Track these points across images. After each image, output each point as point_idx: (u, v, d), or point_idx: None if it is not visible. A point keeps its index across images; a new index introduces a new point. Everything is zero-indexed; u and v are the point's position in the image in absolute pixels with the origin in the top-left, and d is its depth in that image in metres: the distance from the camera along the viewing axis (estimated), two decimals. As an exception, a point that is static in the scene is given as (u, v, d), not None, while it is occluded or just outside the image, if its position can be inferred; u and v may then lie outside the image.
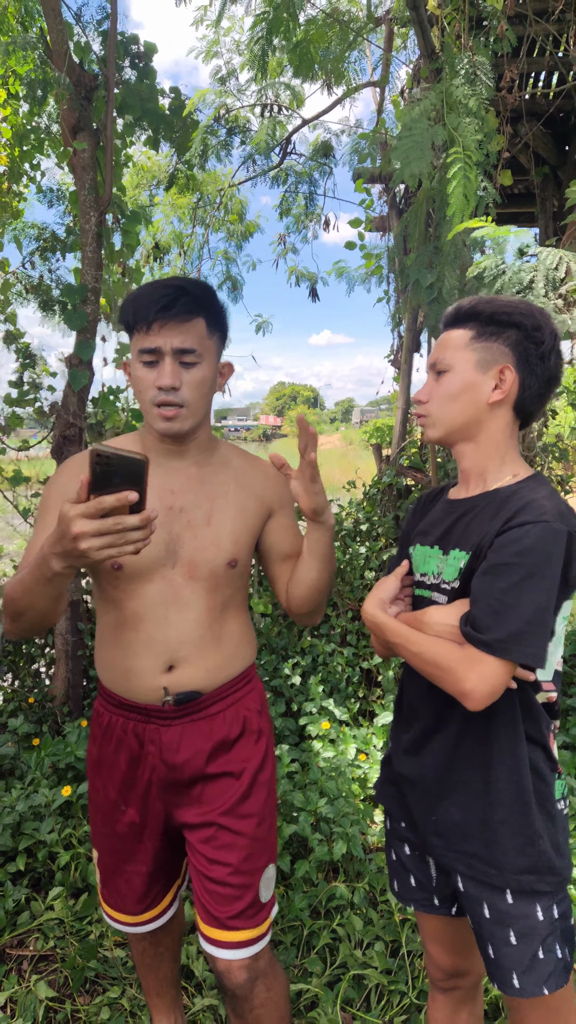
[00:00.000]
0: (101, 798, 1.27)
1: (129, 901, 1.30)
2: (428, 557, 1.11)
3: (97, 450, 0.80)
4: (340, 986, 1.66)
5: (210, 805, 1.21)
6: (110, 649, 1.21)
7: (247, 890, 1.20)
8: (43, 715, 2.67)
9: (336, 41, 3.59)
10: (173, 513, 1.16)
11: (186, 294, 1.09)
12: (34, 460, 2.89)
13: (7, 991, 1.68)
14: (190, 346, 1.10)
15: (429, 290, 2.46)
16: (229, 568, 1.18)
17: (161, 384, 1.09)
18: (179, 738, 1.19)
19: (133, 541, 0.83)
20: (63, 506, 0.83)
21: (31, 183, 3.31)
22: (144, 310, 1.09)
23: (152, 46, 2.84)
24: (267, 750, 1.28)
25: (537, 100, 3.38)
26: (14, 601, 1.04)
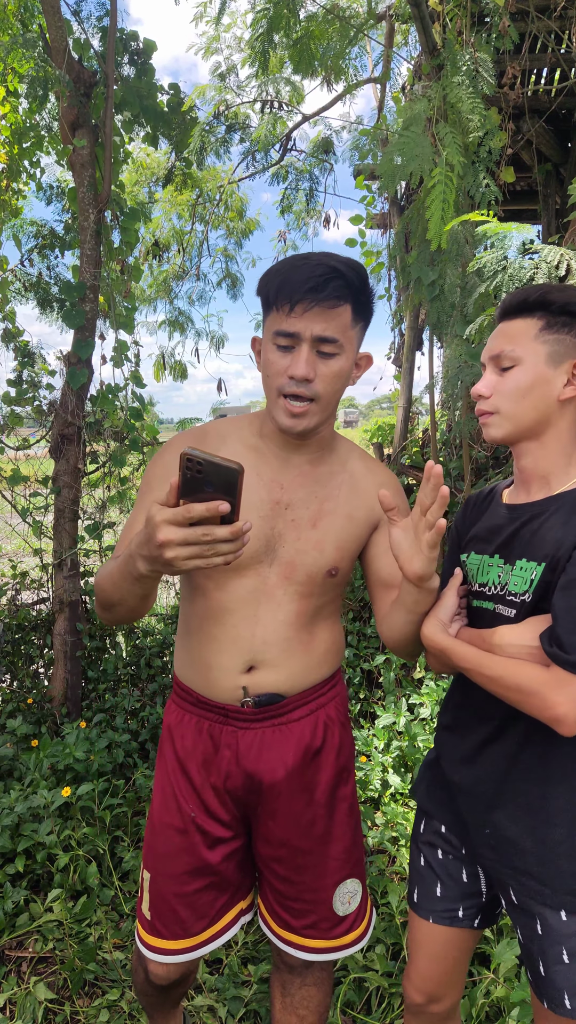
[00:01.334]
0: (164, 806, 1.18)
1: (190, 920, 1.17)
2: (488, 567, 1.03)
3: (188, 455, 0.73)
4: (341, 989, 1.65)
5: (285, 820, 1.14)
6: (192, 641, 1.15)
7: (319, 905, 1.16)
8: (42, 716, 2.66)
9: (337, 37, 3.57)
10: (279, 508, 1.08)
11: (339, 276, 0.97)
12: (32, 459, 2.88)
13: (6, 992, 1.67)
14: (332, 335, 0.99)
15: (431, 288, 2.45)
16: (328, 576, 1.11)
17: (294, 373, 0.99)
18: (258, 744, 1.12)
19: (222, 553, 0.77)
20: (151, 508, 0.77)
21: (31, 180, 3.29)
22: (290, 288, 0.97)
23: (151, 43, 2.82)
24: (348, 761, 1.21)
25: (539, 97, 3.36)
26: (104, 592, 0.99)
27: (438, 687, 2.65)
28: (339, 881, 1.18)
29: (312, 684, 1.15)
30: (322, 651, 1.16)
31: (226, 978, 1.71)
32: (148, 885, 1.20)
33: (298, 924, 1.16)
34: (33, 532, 2.79)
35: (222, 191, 5.34)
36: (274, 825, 1.15)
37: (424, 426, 4.13)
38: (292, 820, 1.14)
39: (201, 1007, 1.65)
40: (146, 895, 1.20)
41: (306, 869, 1.15)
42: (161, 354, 5.61)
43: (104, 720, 2.58)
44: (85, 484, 2.82)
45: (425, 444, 3.50)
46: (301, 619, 1.11)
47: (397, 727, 2.57)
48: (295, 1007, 1.22)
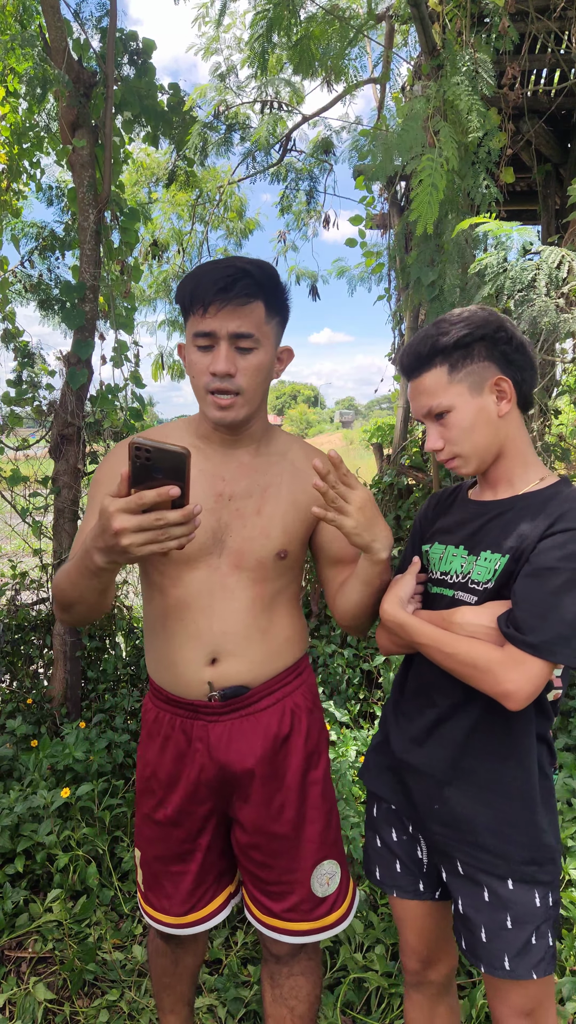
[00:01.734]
0: (147, 797, 1.24)
1: (176, 901, 1.25)
2: (452, 556, 1.10)
3: (136, 443, 0.76)
4: (340, 989, 1.65)
5: (259, 807, 1.18)
6: (156, 640, 1.18)
7: (297, 886, 1.19)
8: (41, 716, 2.66)
9: (336, 38, 3.57)
10: (223, 501, 1.12)
11: (247, 276, 1.03)
12: (32, 460, 2.88)
13: (6, 993, 1.67)
14: (247, 330, 1.04)
15: (430, 288, 2.45)
16: (278, 559, 1.14)
17: (215, 370, 1.04)
18: (228, 735, 1.16)
19: (176, 537, 0.80)
20: (104, 500, 0.81)
21: (31, 181, 3.29)
22: (202, 291, 1.03)
23: (151, 43, 2.82)
24: (319, 745, 1.24)
25: (539, 97, 3.36)
26: (63, 592, 1.02)
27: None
28: (316, 863, 1.20)
29: (276, 673, 1.19)
30: (282, 638, 1.19)
31: (226, 978, 1.71)
32: (139, 861, 1.29)
33: (279, 908, 1.19)
34: (33, 532, 2.79)
35: (222, 191, 5.35)
36: (248, 812, 1.18)
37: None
38: (264, 806, 1.17)
39: (201, 1007, 1.66)
40: (139, 869, 1.29)
41: (282, 854, 1.18)
42: (160, 354, 5.61)
43: (104, 720, 2.58)
44: (85, 484, 2.82)
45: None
46: (257, 606, 1.15)
47: (397, 727, 2.57)
48: (284, 998, 1.24)
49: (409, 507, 3.17)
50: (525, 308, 1.89)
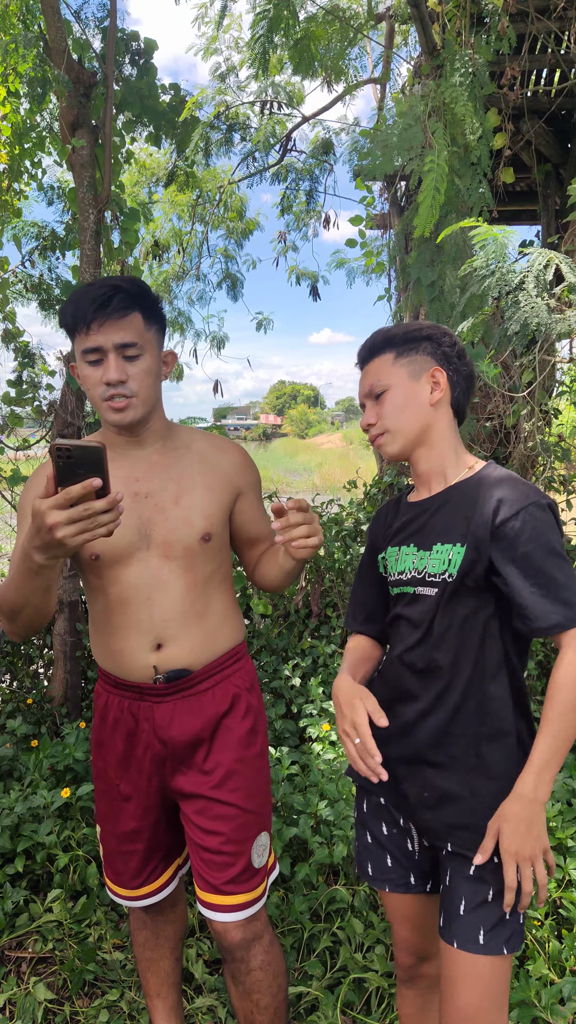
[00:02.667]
0: (101, 778, 1.33)
1: (126, 877, 1.36)
2: (405, 555, 1.17)
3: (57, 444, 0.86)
4: (340, 989, 1.65)
5: (202, 779, 1.26)
6: (102, 633, 1.26)
7: (239, 857, 1.25)
8: (41, 716, 2.66)
9: (337, 38, 3.57)
10: (140, 499, 1.21)
11: (120, 291, 1.14)
12: (33, 460, 2.88)
13: (6, 993, 1.67)
14: (130, 340, 1.14)
15: (430, 288, 2.45)
16: (204, 543, 1.23)
17: (108, 379, 1.14)
18: (171, 714, 1.24)
19: (104, 523, 0.89)
20: (34, 502, 0.89)
21: (32, 181, 3.29)
22: (82, 311, 1.13)
23: (152, 43, 2.83)
24: (256, 724, 1.32)
25: (539, 97, 3.36)
26: (7, 601, 1.08)
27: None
28: (256, 834, 1.28)
29: (216, 656, 1.28)
30: (218, 620, 1.28)
31: (225, 979, 1.71)
32: (99, 836, 1.39)
33: (219, 880, 1.25)
34: (33, 532, 2.79)
35: (222, 192, 5.35)
36: (194, 780, 1.26)
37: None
38: (208, 775, 1.26)
39: (201, 1007, 1.66)
40: (100, 844, 1.40)
41: (227, 819, 1.25)
42: (161, 354, 5.60)
43: (104, 720, 2.58)
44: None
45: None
46: (192, 592, 1.23)
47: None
48: (248, 993, 1.28)
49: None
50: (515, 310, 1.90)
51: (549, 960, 1.68)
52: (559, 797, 2.09)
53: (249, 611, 3.07)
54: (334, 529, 3.25)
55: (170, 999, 1.50)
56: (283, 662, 2.93)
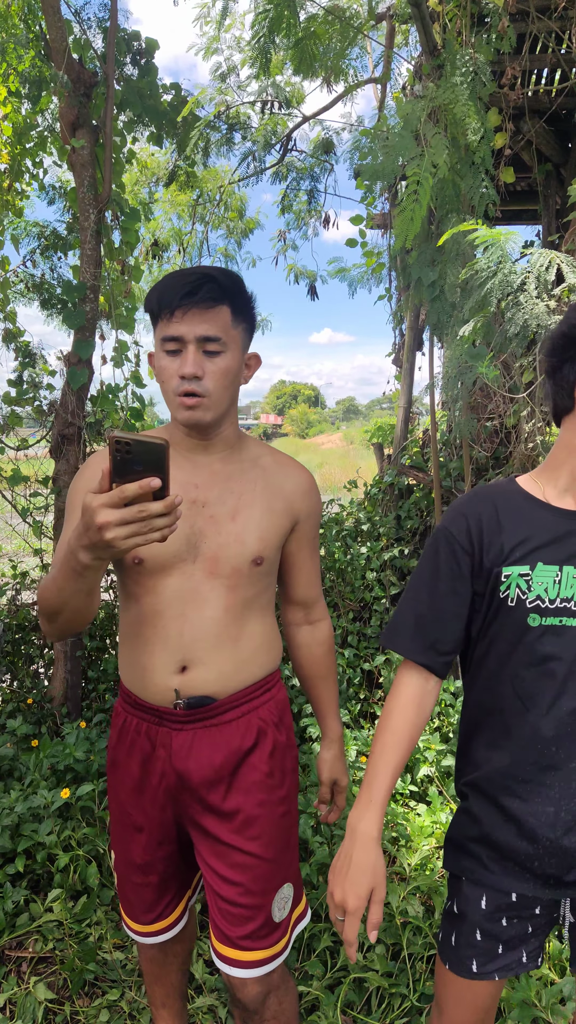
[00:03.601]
0: (115, 802, 1.24)
1: (138, 910, 1.28)
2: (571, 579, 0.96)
3: (116, 437, 0.78)
4: (341, 989, 1.65)
5: (219, 821, 1.16)
6: (128, 646, 1.18)
7: (259, 911, 1.16)
8: (42, 716, 2.66)
9: (337, 38, 3.57)
10: (196, 507, 1.12)
11: (211, 281, 1.05)
12: (33, 460, 2.88)
13: (6, 992, 1.67)
14: (214, 334, 1.06)
15: (431, 288, 2.45)
16: (254, 566, 1.14)
17: (183, 372, 1.06)
18: (189, 744, 1.15)
19: (158, 528, 0.80)
20: (86, 497, 0.80)
21: (33, 180, 3.29)
22: (168, 297, 1.05)
23: (153, 43, 2.82)
24: (284, 763, 1.21)
25: (539, 97, 3.36)
26: (47, 601, 1.01)
27: (438, 687, 2.65)
28: (278, 886, 1.18)
29: (244, 685, 1.17)
30: (252, 647, 1.17)
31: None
32: (114, 864, 1.31)
33: (237, 934, 1.15)
34: (33, 532, 2.79)
35: (222, 191, 5.35)
36: (207, 822, 1.17)
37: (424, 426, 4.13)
38: (220, 814, 1.16)
39: (201, 1007, 1.66)
40: (115, 872, 1.32)
41: (246, 869, 1.15)
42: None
43: (104, 720, 2.58)
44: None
45: (425, 444, 3.50)
46: (230, 614, 1.14)
47: (397, 727, 2.57)
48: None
49: (409, 507, 3.17)
50: (516, 311, 1.89)
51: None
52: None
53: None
54: (334, 529, 3.25)
55: (175, 1007, 1.47)
56: (283, 662, 2.93)
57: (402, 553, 3.10)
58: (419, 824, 2.14)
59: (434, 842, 2.12)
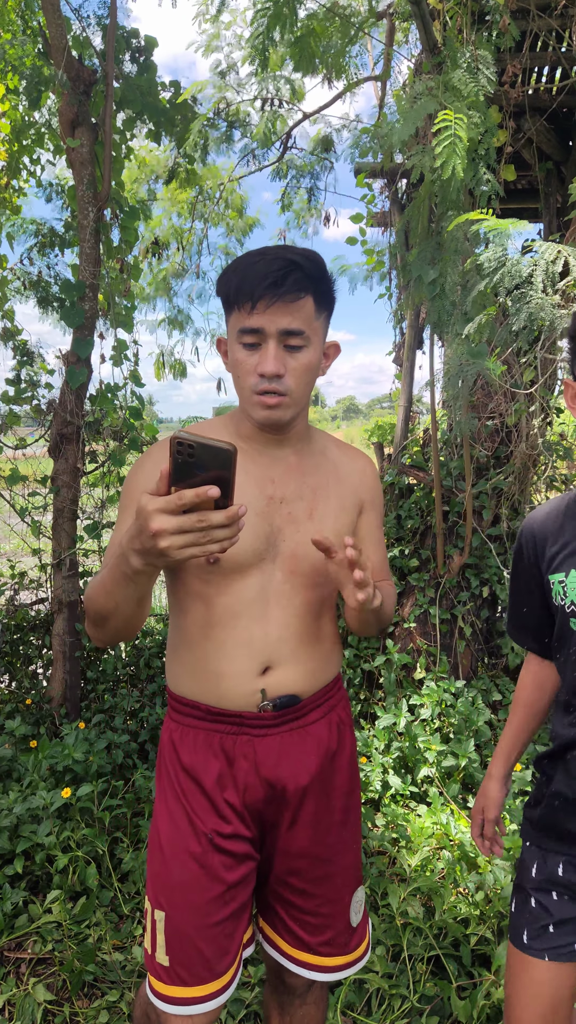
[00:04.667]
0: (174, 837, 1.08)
1: (214, 960, 1.06)
2: None
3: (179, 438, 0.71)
4: (341, 990, 1.65)
5: (309, 829, 1.10)
6: (195, 651, 1.08)
7: (337, 918, 1.13)
8: (41, 716, 2.65)
9: (337, 35, 3.55)
10: (274, 504, 1.06)
11: (297, 269, 0.96)
12: (31, 459, 2.87)
13: (5, 994, 1.66)
14: (298, 327, 0.98)
15: (431, 286, 2.43)
16: None
17: (264, 371, 0.98)
18: (277, 749, 1.07)
19: (218, 540, 0.74)
20: (142, 498, 0.75)
21: (31, 178, 3.28)
22: (249, 285, 0.96)
23: (153, 40, 2.81)
24: (357, 765, 1.20)
25: (540, 95, 3.35)
26: (96, 604, 0.94)
27: (439, 688, 2.65)
28: (354, 891, 1.16)
29: (324, 683, 1.14)
30: (329, 645, 1.15)
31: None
32: (164, 926, 1.06)
33: (315, 941, 1.12)
34: (32, 532, 2.78)
35: (222, 189, 5.33)
36: (296, 835, 1.10)
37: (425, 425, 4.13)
38: (314, 828, 1.10)
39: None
40: (160, 938, 1.06)
41: (325, 880, 1.12)
42: (160, 352, 5.59)
43: (103, 721, 2.57)
44: (84, 484, 2.81)
45: (426, 443, 3.49)
46: (311, 612, 1.10)
47: (398, 728, 2.56)
48: None
49: (410, 506, 3.17)
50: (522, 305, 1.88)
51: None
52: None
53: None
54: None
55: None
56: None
57: (402, 553, 3.09)
58: (419, 825, 2.14)
59: (434, 842, 2.11)
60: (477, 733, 2.55)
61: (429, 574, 2.99)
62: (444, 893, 1.86)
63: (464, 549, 2.89)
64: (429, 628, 2.94)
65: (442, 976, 1.72)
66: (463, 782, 2.49)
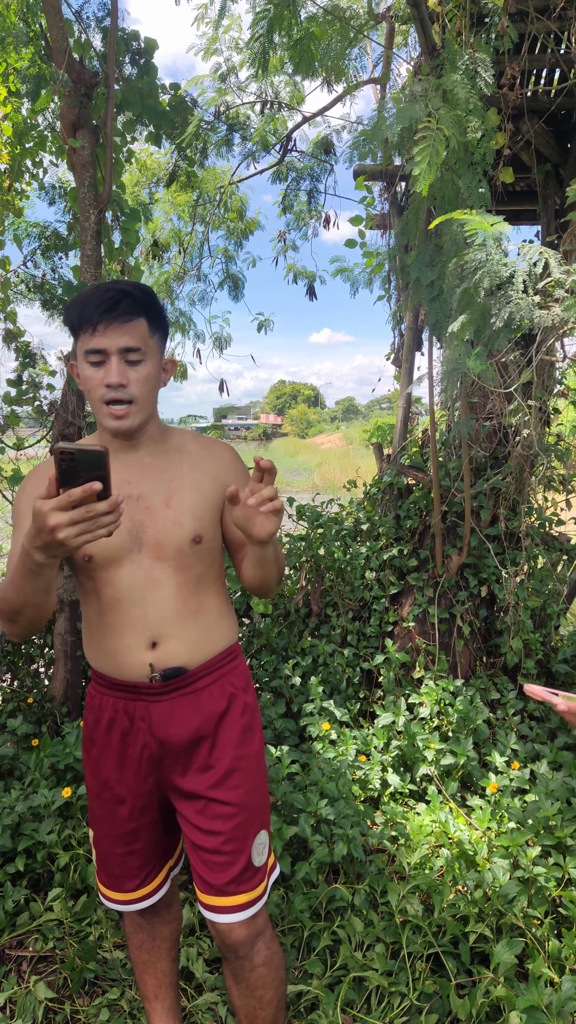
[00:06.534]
0: (95, 780, 1.32)
1: (124, 879, 1.36)
2: None
3: (61, 448, 0.88)
4: (341, 988, 1.66)
5: (199, 778, 1.27)
6: (96, 634, 1.27)
7: (239, 855, 1.26)
8: (42, 715, 2.66)
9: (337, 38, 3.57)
10: (132, 501, 1.22)
11: (128, 296, 1.15)
12: (33, 459, 2.88)
13: (7, 992, 1.67)
14: (135, 345, 1.16)
15: (430, 288, 2.45)
16: (194, 544, 1.24)
17: (109, 382, 1.15)
18: (168, 713, 1.25)
19: (105, 525, 0.92)
20: (36, 503, 0.90)
21: (33, 180, 3.29)
22: (89, 312, 1.14)
23: (153, 43, 2.83)
24: (252, 722, 1.34)
25: (539, 97, 3.36)
26: (7, 601, 1.09)
27: (437, 687, 2.66)
28: (255, 832, 1.29)
29: (211, 655, 1.29)
30: (212, 619, 1.29)
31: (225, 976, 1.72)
32: (93, 840, 1.38)
33: (221, 881, 1.25)
34: (33, 532, 2.79)
35: (222, 192, 5.35)
36: (188, 780, 1.27)
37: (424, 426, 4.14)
38: (204, 774, 1.26)
39: (201, 1005, 1.66)
40: (93, 848, 1.39)
41: (226, 818, 1.26)
42: (161, 354, 5.60)
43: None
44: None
45: (424, 444, 3.50)
46: (184, 591, 1.25)
47: (396, 727, 2.57)
48: (252, 989, 1.28)
49: (409, 507, 3.18)
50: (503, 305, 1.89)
51: (549, 959, 1.68)
52: (559, 796, 2.10)
53: (249, 611, 3.07)
54: (334, 529, 3.26)
55: (168, 1000, 1.50)
56: (283, 661, 2.93)
57: (401, 553, 3.10)
58: (418, 823, 2.15)
59: (433, 840, 2.12)
60: (476, 732, 2.56)
61: (428, 574, 3.01)
62: (443, 891, 1.87)
63: (463, 549, 2.90)
64: (428, 627, 2.95)
65: (441, 974, 1.73)
66: (462, 780, 2.50)
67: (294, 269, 5.51)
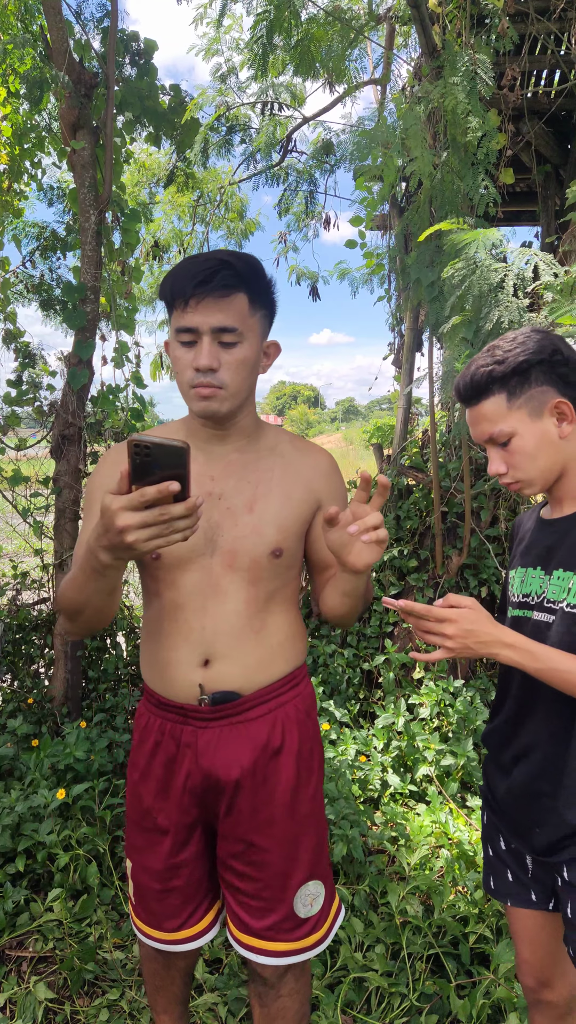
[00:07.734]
0: (136, 808, 1.21)
1: (162, 917, 1.22)
2: (531, 578, 1.11)
3: (135, 440, 0.77)
4: (341, 989, 1.66)
5: (242, 818, 1.14)
6: (150, 643, 1.17)
7: (278, 904, 1.15)
8: (42, 716, 2.66)
9: (337, 39, 3.57)
10: (212, 500, 1.10)
11: (227, 267, 1.00)
12: (33, 460, 2.88)
13: (6, 992, 1.67)
14: (230, 324, 1.01)
15: (430, 288, 2.45)
16: (273, 558, 1.10)
17: (197, 365, 1.02)
18: (215, 742, 1.13)
19: (180, 530, 0.80)
20: (105, 498, 0.80)
21: (32, 181, 3.29)
22: (181, 285, 1.01)
23: (152, 43, 2.83)
24: (312, 759, 1.20)
25: (539, 98, 3.37)
26: (69, 600, 1.00)
27: (437, 688, 2.66)
28: (302, 883, 1.17)
29: (270, 681, 1.15)
30: (276, 642, 1.15)
31: (226, 977, 1.72)
32: (131, 872, 1.25)
33: (258, 926, 1.15)
34: (34, 532, 2.79)
35: (223, 192, 5.35)
36: (232, 822, 1.15)
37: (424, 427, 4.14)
38: (249, 817, 1.14)
39: (202, 1006, 1.66)
40: (130, 881, 1.26)
41: (265, 866, 1.15)
42: (159, 353, 5.61)
43: (104, 720, 2.59)
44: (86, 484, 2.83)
45: (425, 445, 3.50)
46: (251, 607, 1.12)
47: (396, 727, 2.57)
48: (272, 1018, 1.23)
49: (409, 507, 3.18)
50: (491, 308, 1.90)
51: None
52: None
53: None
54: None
55: (176, 1011, 1.44)
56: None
57: (401, 553, 3.10)
58: (418, 824, 2.15)
59: (433, 841, 2.12)
60: (475, 732, 2.56)
61: (428, 574, 3.01)
62: (443, 891, 1.87)
63: (463, 550, 2.90)
64: (428, 628, 2.95)
65: (441, 975, 1.73)
66: (462, 781, 2.50)
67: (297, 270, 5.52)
